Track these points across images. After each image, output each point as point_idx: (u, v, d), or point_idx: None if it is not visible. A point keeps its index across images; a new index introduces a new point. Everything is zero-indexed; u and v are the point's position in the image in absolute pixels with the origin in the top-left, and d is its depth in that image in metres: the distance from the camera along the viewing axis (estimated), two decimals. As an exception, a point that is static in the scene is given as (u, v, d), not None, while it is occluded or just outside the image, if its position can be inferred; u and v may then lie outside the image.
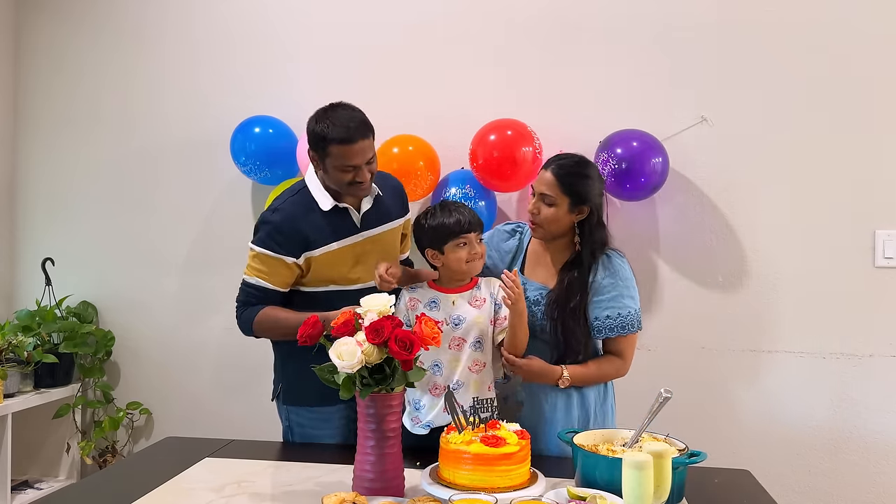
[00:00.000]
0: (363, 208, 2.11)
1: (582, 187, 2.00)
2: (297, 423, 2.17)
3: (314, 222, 2.05)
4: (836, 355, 2.71)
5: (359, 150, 1.96)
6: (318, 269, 2.06)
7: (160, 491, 1.70)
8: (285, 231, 2.03)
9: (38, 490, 2.96)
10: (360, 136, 1.96)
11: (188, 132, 3.11)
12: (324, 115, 2.01)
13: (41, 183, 3.23)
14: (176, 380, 3.12)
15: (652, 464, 1.33)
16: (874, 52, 2.68)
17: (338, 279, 2.08)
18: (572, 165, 2.04)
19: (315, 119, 2.02)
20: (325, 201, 2.05)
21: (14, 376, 2.84)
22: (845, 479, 2.70)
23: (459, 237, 1.96)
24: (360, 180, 1.99)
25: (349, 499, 1.50)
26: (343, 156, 1.95)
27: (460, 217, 1.97)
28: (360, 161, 1.97)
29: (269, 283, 2.06)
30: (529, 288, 2.07)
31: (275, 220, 2.06)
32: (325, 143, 1.97)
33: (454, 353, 1.98)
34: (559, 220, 2.02)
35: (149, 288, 3.14)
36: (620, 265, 2.05)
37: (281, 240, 2.03)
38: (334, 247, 2.06)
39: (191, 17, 3.12)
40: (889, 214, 2.67)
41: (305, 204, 2.07)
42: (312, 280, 2.09)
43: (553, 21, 2.85)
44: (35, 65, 3.24)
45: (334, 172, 1.99)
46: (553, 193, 2.00)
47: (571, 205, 2.01)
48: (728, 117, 2.74)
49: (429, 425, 1.98)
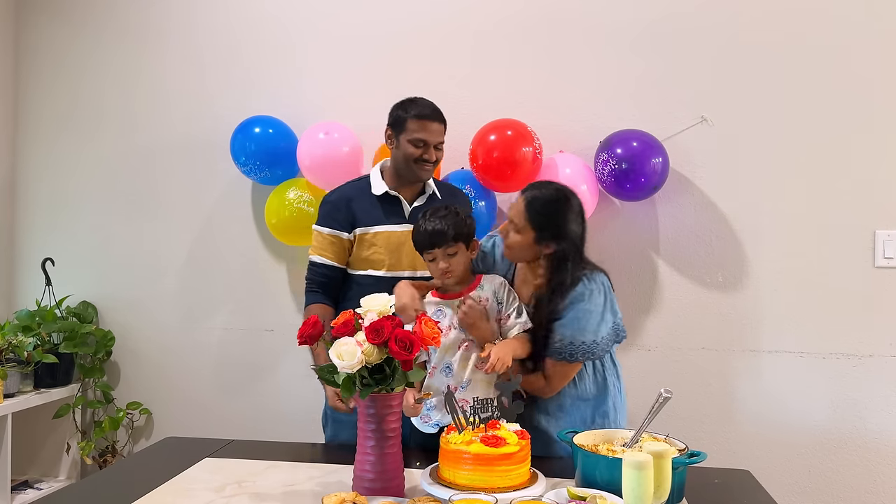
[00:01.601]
0: (415, 203, 2.25)
1: (550, 223, 1.94)
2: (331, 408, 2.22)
3: (365, 203, 2.24)
4: (836, 355, 2.71)
5: (433, 128, 2.20)
6: (360, 249, 2.22)
7: (160, 491, 1.70)
8: (339, 207, 2.25)
9: (38, 490, 2.96)
10: (435, 118, 2.21)
11: (188, 132, 3.11)
12: (406, 100, 2.25)
13: (41, 183, 3.23)
14: (176, 380, 3.12)
15: (652, 464, 1.33)
16: (874, 51, 2.68)
17: (375, 264, 2.21)
18: (546, 198, 1.96)
19: (397, 104, 2.26)
20: (378, 186, 2.24)
21: (14, 376, 2.84)
22: (845, 479, 2.70)
23: (425, 252, 2.00)
24: (427, 158, 2.19)
25: (349, 499, 1.50)
26: (418, 130, 2.18)
27: (424, 232, 1.97)
28: (431, 139, 2.20)
29: (328, 259, 2.24)
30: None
31: (331, 199, 2.29)
32: (404, 118, 2.20)
33: (464, 354, 1.99)
34: (525, 249, 1.98)
35: (149, 288, 3.14)
36: (580, 294, 1.94)
37: (336, 215, 2.24)
38: (379, 230, 2.21)
39: (191, 17, 3.12)
40: (889, 214, 2.68)
41: (361, 187, 2.28)
42: (354, 261, 2.25)
43: (553, 21, 2.86)
44: (35, 65, 3.24)
45: (406, 146, 2.19)
46: (518, 222, 1.96)
47: (537, 238, 1.95)
48: (728, 117, 2.74)
49: (437, 425, 2.00)
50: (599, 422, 2.02)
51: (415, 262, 2.19)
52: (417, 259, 2.15)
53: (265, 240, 3.04)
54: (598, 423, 2.02)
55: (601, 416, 2.03)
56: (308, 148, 2.79)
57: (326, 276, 2.25)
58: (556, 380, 1.99)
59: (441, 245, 1.97)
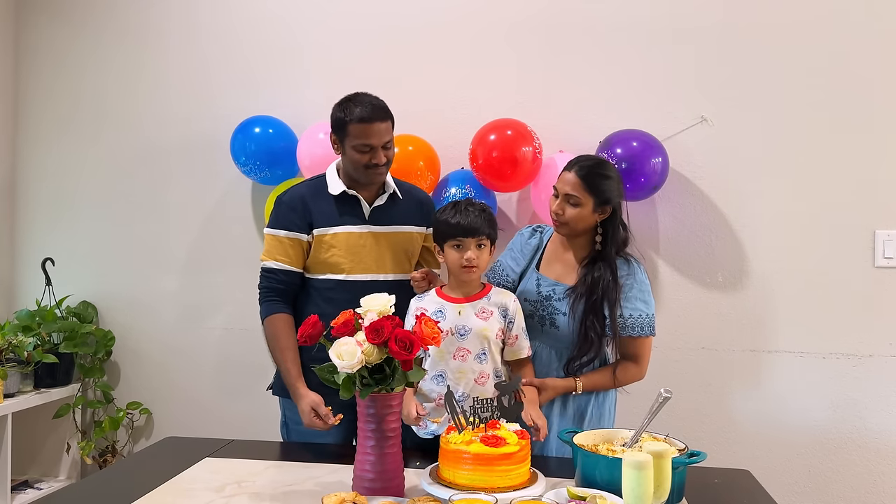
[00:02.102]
0: (375, 203, 2.15)
1: (605, 187, 2.03)
2: (293, 420, 2.18)
3: (322, 204, 2.13)
4: (836, 355, 2.71)
5: (376, 130, 2.04)
6: (318, 252, 2.12)
7: (160, 491, 1.70)
8: (294, 207, 2.12)
9: (38, 490, 2.96)
10: (377, 118, 2.04)
11: (188, 132, 3.11)
12: (345, 100, 2.09)
13: (41, 183, 3.23)
14: (176, 380, 3.12)
15: (652, 464, 1.33)
16: (875, 51, 2.68)
17: (334, 267, 2.11)
18: (594, 166, 2.06)
19: (337, 105, 2.11)
20: (335, 186, 2.13)
21: (14, 376, 2.84)
22: (845, 479, 2.70)
23: (455, 238, 1.95)
24: (376, 162, 2.06)
25: (349, 499, 1.50)
26: (361, 135, 2.03)
27: (461, 219, 1.95)
28: (377, 142, 2.05)
29: (284, 263, 2.12)
30: (543, 284, 2.10)
31: (284, 199, 2.16)
32: (345, 123, 2.05)
33: (458, 364, 1.96)
34: (584, 220, 2.05)
35: (149, 288, 3.14)
36: (637, 269, 2.08)
37: (292, 216, 2.12)
38: (337, 230, 2.11)
39: (191, 17, 3.12)
40: (889, 214, 2.67)
41: (317, 186, 2.16)
42: (312, 264, 2.14)
43: (553, 21, 2.85)
44: (35, 65, 3.24)
45: (352, 153, 2.06)
46: (578, 194, 2.02)
47: (596, 205, 2.03)
48: (728, 117, 2.74)
49: (433, 433, 1.98)
50: (577, 417, 2.08)
51: (377, 265, 2.13)
52: (379, 261, 2.12)
53: (265, 240, 3.04)
54: (577, 417, 2.08)
55: (598, 410, 2.09)
56: (308, 148, 2.79)
57: (284, 283, 2.12)
58: (646, 355, 2.08)
59: (477, 235, 1.95)
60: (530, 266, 2.17)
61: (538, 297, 2.09)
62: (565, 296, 2.06)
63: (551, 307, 2.08)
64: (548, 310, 2.08)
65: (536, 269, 2.15)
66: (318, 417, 1.95)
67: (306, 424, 1.99)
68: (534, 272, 2.15)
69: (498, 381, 1.89)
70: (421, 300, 2.05)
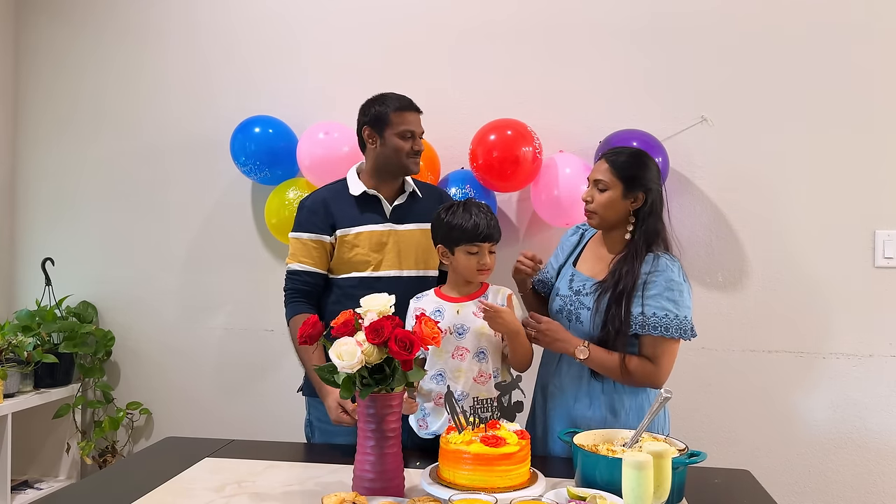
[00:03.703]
0: (396, 202, 2.20)
1: (635, 172, 1.97)
2: (317, 418, 2.21)
3: (343, 205, 2.18)
4: (836, 355, 2.71)
5: (415, 118, 2.16)
6: (342, 252, 2.16)
7: (160, 491, 1.70)
8: (316, 210, 2.18)
9: (38, 490, 2.96)
10: (414, 108, 2.17)
11: (188, 132, 3.11)
12: (377, 97, 2.18)
13: (41, 183, 3.23)
14: (176, 380, 3.12)
15: (652, 464, 1.33)
16: (875, 51, 2.68)
17: (358, 265, 2.16)
18: (627, 153, 2.04)
19: (369, 102, 2.19)
20: (356, 187, 2.18)
21: (14, 376, 2.84)
22: (845, 479, 2.70)
23: (472, 244, 1.95)
24: (418, 149, 2.15)
25: (349, 499, 1.50)
26: (404, 122, 2.13)
27: (478, 223, 1.93)
28: (418, 129, 2.16)
29: (309, 265, 2.17)
30: (576, 279, 2.06)
31: (307, 203, 2.22)
32: (386, 114, 2.13)
33: (456, 363, 1.97)
34: (613, 206, 1.98)
35: (149, 288, 3.14)
36: (669, 266, 1.95)
37: (315, 219, 2.17)
38: (360, 230, 2.16)
39: (191, 17, 3.12)
40: (889, 214, 2.67)
41: (337, 189, 2.22)
42: (336, 265, 2.18)
43: (553, 21, 2.86)
44: (35, 65, 3.24)
45: (396, 141, 2.13)
46: (606, 178, 1.98)
47: (625, 190, 1.97)
48: (728, 117, 2.74)
49: (434, 433, 1.98)
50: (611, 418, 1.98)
51: (399, 262, 2.16)
52: (402, 258, 2.15)
53: (265, 240, 3.04)
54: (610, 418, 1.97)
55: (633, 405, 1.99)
56: (308, 148, 2.79)
57: (309, 284, 2.17)
58: (665, 359, 1.94)
59: (492, 241, 1.96)
60: (567, 262, 2.14)
61: (569, 292, 2.04)
62: (593, 290, 2.00)
63: (579, 302, 2.02)
64: (575, 305, 2.02)
65: (573, 265, 2.12)
66: (346, 413, 1.95)
67: (334, 420, 1.99)
68: (570, 268, 2.11)
69: (498, 382, 1.88)
70: (419, 300, 2.05)
